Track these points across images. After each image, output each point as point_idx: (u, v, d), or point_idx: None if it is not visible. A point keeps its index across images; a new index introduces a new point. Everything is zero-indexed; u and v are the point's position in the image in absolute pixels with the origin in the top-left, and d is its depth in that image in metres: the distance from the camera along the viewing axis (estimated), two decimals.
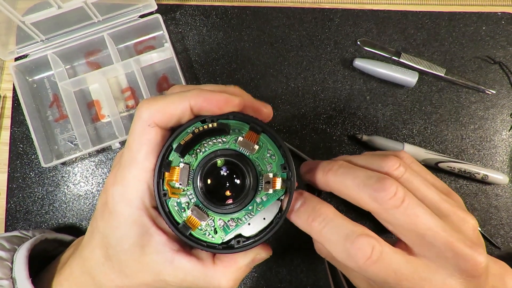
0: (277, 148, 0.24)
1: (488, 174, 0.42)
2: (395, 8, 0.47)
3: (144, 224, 0.24)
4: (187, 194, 0.24)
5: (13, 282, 0.29)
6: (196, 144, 0.23)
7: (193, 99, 0.23)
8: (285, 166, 0.23)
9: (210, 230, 0.24)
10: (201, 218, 0.23)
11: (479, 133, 0.45)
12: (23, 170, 0.44)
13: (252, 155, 0.24)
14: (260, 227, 0.24)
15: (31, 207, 0.44)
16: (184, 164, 0.23)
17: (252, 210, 0.23)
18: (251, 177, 0.23)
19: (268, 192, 0.23)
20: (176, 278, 0.25)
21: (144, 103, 0.24)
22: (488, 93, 0.45)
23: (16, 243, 0.33)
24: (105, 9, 0.43)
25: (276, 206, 0.24)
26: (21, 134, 0.45)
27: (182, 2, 0.47)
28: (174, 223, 0.24)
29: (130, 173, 0.24)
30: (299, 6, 0.47)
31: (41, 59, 0.43)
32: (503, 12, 0.46)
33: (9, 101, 0.46)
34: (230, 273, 0.25)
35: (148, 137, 0.24)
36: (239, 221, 0.24)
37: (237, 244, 0.24)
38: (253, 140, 0.23)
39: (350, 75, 0.45)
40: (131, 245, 0.25)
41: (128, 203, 0.24)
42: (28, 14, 0.41)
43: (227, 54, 0.46)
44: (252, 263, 0.26)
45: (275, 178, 0.23)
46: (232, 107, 0.23)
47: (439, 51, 0.46)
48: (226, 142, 0.24)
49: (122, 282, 0.26)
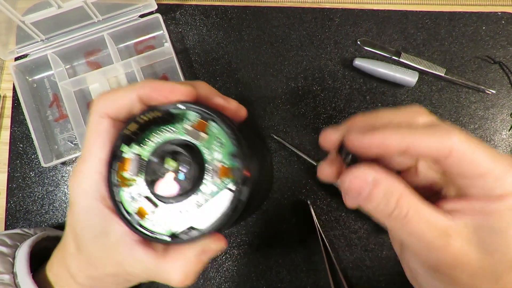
0: (227, 136, 0.23)
1: None
2: (395, 8, 0.47)
3: (104, 214, 0.24)
4: (137, 184, 0.24)
5: (14, 276, 0.29)
6: (144, 134, 0.23)
7: (141, 89, 0.24)
8: (234, 155, 0.23)
9: (159, 220, 0.23)
10: (149, 208, 0.23)
11: (479, 133, 0.45)
12: (23, 169, 0.44)
13: (201, 144, 0.23)
14: (211, 218, 0.23)
15: (31, 207, 0.44)
16: (135, 154, 0.24)
17: (200, 200, 0.23)
18: (195, 166, 0.22)
19: (215, 180, 0.23)
20: (135, 269, 0.25)
21: (98, 96, 0.25)
22: (488, 93, 0.45)
23: (18, 240, 0.33)
24: (105, 8, 0.43)
25: (227, 196, 0.23)
26: (21, 133, 0.45)
27: (182, 2, 0.47)
28: (124, 213, 0.24)
29: (85, 164, 0.25)
30: (299, 6, 0.47)
31: (41, 59, 0.43)
32: (503, 12, 0.46)
33: (9, 101, 0.46)
34: (179, 265, 0.25)
35: (101, 128, 0.24)
36: (187, 211, 0.23)
37: (184, 236, 0.23)
38: (202, 129, 0.23)
39: (350, 75, 0.45)
40: (94, 236, 0.25)
41: (85, 194, 0.24)
42: (28, 14, 0.41)
43: (227, 54, 0.46)
44: (203, 256, 0.25)
45: (222, 166, 0.22)
46: (178, 95, 0.23)
47: (439, 51, 0.46)
48: (176, 131, 0.24)
49: (90, 272, 0.27)
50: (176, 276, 0.25)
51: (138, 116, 0.23)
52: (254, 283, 0.42)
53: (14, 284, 0.29)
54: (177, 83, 0.24)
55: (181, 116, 0.24)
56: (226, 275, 0.43)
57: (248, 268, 0.43)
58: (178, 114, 0.24)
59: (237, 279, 0.43)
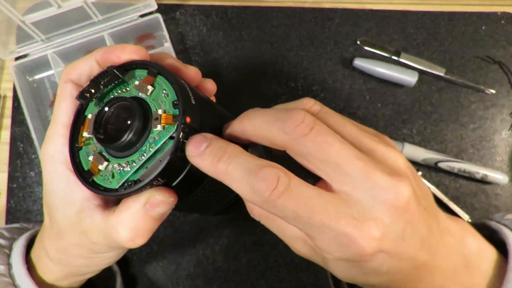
0: (171, 86, 0.23)
1: (488, 174, 0.42)
2: (395, 7, 0.47)
3: (69, 179, 0.24)
4: (94, 143, 0.24)
5: (9, 267, 0.29)
6: (97, 93, 0.24)
7: (97, 53, 0.25)
8: (176, 103, 0.22)
9: (109, 175, 0.23)
10: (99, 162, 0.23)
11: (478, 133, 0.45)
12: (23, 169, 0.44)
13: (149, 98, 0.23)
14: (158, 170, 0.22)
15: (31, 207, 0.44)
16: (92, 115, 0.24)
17: (145, 151, 0.22)
18: (138, 115, 0.22)
19: (158, 129, 0.22)
20: (95, 234, 0.24)
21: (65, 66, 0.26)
22: (487, 93, 0.45)
23: (16, 233, 0.33)
24: (105, 8, 0.43)
25: (170, 144, 0.22)
26: (22, 133, 0.45)
27: (182, 1, 0.47)
28: (81, 171, 0.24)
29: (51, 129, 0.25)
30: (299, 6, 0.47)
31: (41, 59, 0.43)
32: (503, 12, 0.46)
33: (9, 101, 0.46)
34: (125, 220, 0.23)
35: (65, 92, 0.25)
36: (133, 163, 0.23)
37: (128, 188, 0.22)
38: (148, 83, 0.23)
39: (350, 74, 0.45)
40: (61, 202, 0.25)
41: (51, 159, 0.25)
42: (28, 14, 0.41)
43: (227, 54, 0.46)
44: (151, 210, 0.23)
45: (164, 114, 0.22)
46: (129, 53, 0.24)
47: (439, 51, 0.46)
48: (129, 90, 0.24)
49: (59, 244, 0.26)
50: (123, 232, 0.23)
51: (94, 77, 0.24)
52: (254, 283, 0.43)
53: (8, 274, 0.29)
54: (128, 44, 0.25)
55: (133, 76, 0.24)
56: (226, 275, 0.43)
57: (248, 268, 0.43)
58: (130, 73, 0.24)
59: (237, 279, 0.43)
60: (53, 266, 0.28)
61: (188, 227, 0.43)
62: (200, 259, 0.43)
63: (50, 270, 0.29)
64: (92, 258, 0.27)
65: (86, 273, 0.30)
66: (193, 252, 0.43)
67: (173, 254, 0.43)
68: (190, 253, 0.43)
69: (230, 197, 0.30)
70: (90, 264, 0.28)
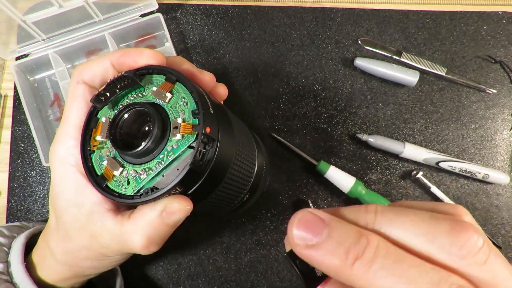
0: (190, 94, 0.23)
1: (489, 174, 0.42)
2: (396, 7, 0.47)
3: (79, 181, 0.24)
4: (108, 147, 0.24)
5: (7, 265, 0.29)
6: (114, 97, 0.24)
7: (112, 55, 0.25)
8: (196, 112, 0.22)
9: (124, 181, 0.23)
10: (114, 168, 0.23)
11: (480, 133, 0.45)
12: (24, 169, 0.44)
13: (167, 105, 0.23)
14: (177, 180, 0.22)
15: (32, 206, 0.44)
16: (106, 118, 0.24)
17: (163, 159, 0.22)
18: (157, 123, 0.22)
19: (177, 138, 0.22)
20: (105, 239, 0.24)
21: (76, 66, 0.25)
22: (489, 93, 0.45)
23: (16, 232, 0.33)
24: (106, 8, 0.43)
25: (189, 154, 0.22)
26: (22, 133, 0.45)
27: (183, 1, 0.47)
28: (94, 175, 0.24)
29: (62, 130, 0.25)
30: (300, 6, 0.47)
31: (42, 58, 0.43)
32: (504, 12, 0.46)
33: (10, 100, 0.46)
34: (141, 227, 0.23)
35: (77, 93, 0.25)
36: (150, 170, 0.22)
37: (145, 195, 0.22)
38: (167, 89, 0.23)
39: (351, 74, 0.45)
40: (69, 204, 0.24)
41: (61, 160, 0.24)
42: (29, 13, 0.41)
43: (228, 53, 0.46)
44: (166, 217, 0.23)
45: (184, 123, 0.22)
46: (146, 58, 0.24)
47: (440, 51, 0.46)
48: (145, 95, 0.24)
49: (67, 245, 0.26)
50: (139, 239, 0.23)
51: (110, 81, 0.23)
52: (254, 283, 0.42)
53: (7, 272, 0.29)
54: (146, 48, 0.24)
55: (150, 80, 0.24)
56: (226, 275, 0.43)
57: (248, 268, 0.43)
58: (148, 78, 0.24)
59: (237, 278, 0.43)
60: (59, 266, 0.28)
61: (189, 227, 0.43)
62: (201, 259, 0.43)
63: (54, 270, 0.28)
64: (100, 260, 0.27)
65: (90, 274, 0.30)
66: (194, 252, 0.43)
67: (174, 254, 0.43)
68: (191, 252, 0.43)
69: (240, 198, 0.30)
70: (97, 266, 0.28)
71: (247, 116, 0.45)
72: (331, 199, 0.43)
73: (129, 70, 0.24)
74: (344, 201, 0.43)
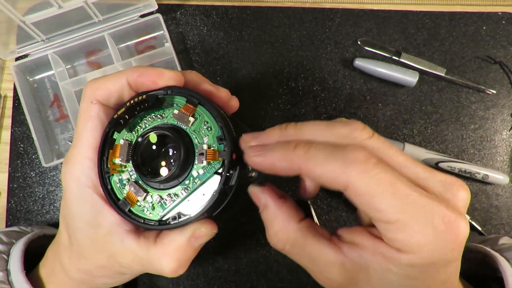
0: (214, 119, 0.23)
1: (489, 174, 0.42)
2: (395, 8, 0.47)
3: (95, 202, 0.24)
4: (128, 170, 0.24)
5: (7, 273, 0.29)
6: (133, 119, 0.23)
7: (130, 74, 0.24)
8: (221, 138, 0.22)
9: (148, 206, 0.23)
10: (138, 193, 0.23)
11: (479, 133, 0.45)
12: (23, 169, 0.44)
13: (189, 128, 0.23)
14: (201, 204, 0.22)
15: (32, 207, 0.44)
16: (125, 140, 0.23)
17: (189, 185, 0.22)
18: (183, 149, 0.22)
19: (203, 164, 0.22)
20: (127, 259, 0.24)
21: (88, 82, 0.25)
22: (488, 93, 0.45)
23: (14, 237, 0.33)
24: (105, 8, 0.43)
25: (216, 180, 0.22)
26: (22, 134, 0.45)
27: (183, 2, 0.47)
28: (115, 199, 0.23)
29: (76, 150, 0.24)
30: (300, 6, 0.47)
31: (42, 59, 0.43)
32: (503, 12, 0.46)
33: (10, 101, 0.46)
34: (169, 252, 0.24)
35: (91, 113, 0.24)
36: (176, 196, 0.23)
37: (173, 221, 0.23)
38: (189, 113, 0.23)
39: (351, 75, 0.45)
40: (85, 224, 0.24)
41: (76, 181, 0.24)
42: (28, 14, 0.41)
43: (228, 54, 0.46)
44: (194, 241, 0.24)
45: (210, 150, 0.22)
46: (166, 80, 0.23)
47: (440, 51, 0.46)
48: (165, 117, 0.23)
49: (82, 264, 0.26)
50: (168, 264, 0.24)
51: (128, 102, 0.23)
52: (254, 283, 0.43)
53: (7, 281, 0.28)
54: (165, 69, 0.24)
55: (170, 102, 0.24)
56: (226, 275, 0.43)
57: (248, 268, 0.43)
58: (167, 99, 0.24)
59: (237, 279, 0.43)
60: (72, 284, 0.28)
61: None
62: (201, 259, 0.43)
63: (66, 285, 0.28)
64: (116, 278, 0.27)
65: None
66: None
67: None
68: None
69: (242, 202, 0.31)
70: (113, 282, 0.28)
71: (247, 117, 0.45)
72: (331, 199, 0.43)
73: (149, 93, 0.23)
74: (344, 202, 0.43)
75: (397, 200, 0.18)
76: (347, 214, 0.43)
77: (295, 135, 0.22)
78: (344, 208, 0.43)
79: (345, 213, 0.43)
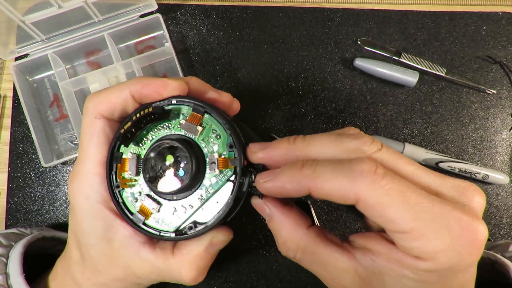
0: (222, 127, 0.23)
1: (489, 174, 0.42)
2: (395, 7, 0.47)
3: (107, 217, 0.24)
4: (139, 183, 0.24)
5: (6, 277, 0.29)
6: (140, 132, 0.23)
7: (133, 86, 0.23)
8: (231, 145, 0.22)
9: (163, 218, 0.23)
10: (152, 206, 0.23)
11: (479, 133, 0.45)
12: (23, 169, 0.44)
13: (198, 138, 0.23)
14: (215, 211, 0.23)
15: (31, 207, 0.44)
16: (133, 154, 0.23)
17: (203, 194, 0.23)
18: (194, 160, 0.22)
19: (215, 173, 0.22)
20: (144, 270, 0.25)
21: (89, 96, 0.24)
22: (488, 93, 0.45)
23: (13, 240, 0.33)
24: (105, 8, 0.43)
25: (229, 187, 0.23)
26: (22, 133, 0.45)
27: (183, 1, 0.47)
28: (128, 213, 0.24)
29: (84, 166, 0.24)
30: (300, 6, 0.47)
31: (42, 59, 0.43)
32: (503, 12, 0.46)
33: (10, 101, 0.46)
34: (188, 262, 0.24)
35: (96, 128, 0.24)
36: (190, 206, 0.23)
37: (189, 230, 0.23)
38: (196, 122, 0.23)
39: (351, 74, 0.45)
40: (98, 239, 0.24)
41: (86, 198, 0.24)
42: (28, 14, 0.40)
43: (228, 54, 0.46)
44: (211, 248, 0.25)
45: (220, 158, 0.22)
46: (171, 90, 0.23)
47: (440, 51, 0.46)
48: (172, 127, 0.23)
49: (97, 279, 0.26)
50: (187, 273, 0.24)
51: (133, 114, 0.23)
52: (254, 283, 0.42)
53: (6, 284, 0.28)
54: (168, 78, 0.24)
55: (176, 112, 0.24)
56: (226, 275, 0.43)
57: (248, 268, 0.43)
58: (173, 110, 0.24)
59: (237, 279, 0.43)
60: None
61: None
62: None
63: None
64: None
65: None
66: None
67: None
68: None
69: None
70: None
71: (247, 117, 0.45)
72: None
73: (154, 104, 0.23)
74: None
75: (409, 208, 0.18)
76: (347, 214, 0.43)
77: (302, 149, 0.21)
78: (344, 208, 0.43)
79: (345, 213, 0.43)
